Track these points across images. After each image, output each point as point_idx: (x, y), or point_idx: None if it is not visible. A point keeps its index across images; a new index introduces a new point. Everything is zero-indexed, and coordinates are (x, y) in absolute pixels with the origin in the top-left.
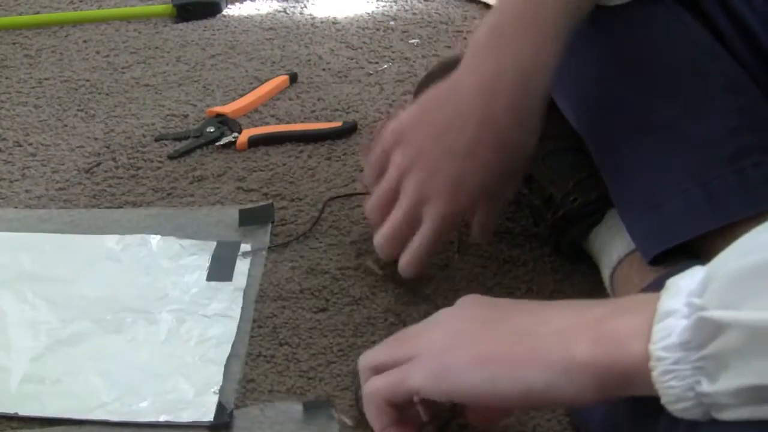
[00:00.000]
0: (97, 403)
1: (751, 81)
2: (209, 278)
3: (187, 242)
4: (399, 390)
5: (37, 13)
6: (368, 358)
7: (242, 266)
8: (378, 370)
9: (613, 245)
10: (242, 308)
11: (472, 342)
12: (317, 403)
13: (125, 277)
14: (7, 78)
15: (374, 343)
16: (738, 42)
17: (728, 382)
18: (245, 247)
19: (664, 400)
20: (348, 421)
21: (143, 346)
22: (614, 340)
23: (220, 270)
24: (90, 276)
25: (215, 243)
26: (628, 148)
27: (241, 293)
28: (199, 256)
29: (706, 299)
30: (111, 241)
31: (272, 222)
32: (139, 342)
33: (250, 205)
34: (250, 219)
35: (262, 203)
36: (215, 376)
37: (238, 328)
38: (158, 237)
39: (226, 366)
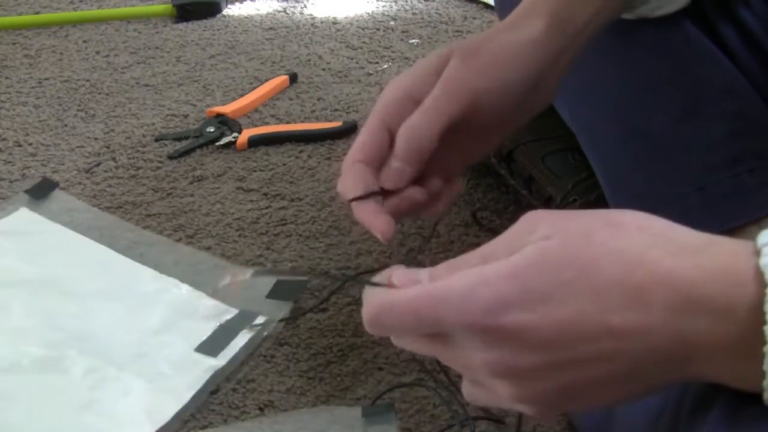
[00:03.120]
0: None
1: (750, 86)
2: (198, 349)
3: (210, 302)
4: None
5: (37, 13)
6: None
7: (240, 340)
8: None
9: None
10: (199, 390)
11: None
12: (376, 409)
13: (132, 316)
14: (7, 78)
15: (374, 343)
16: (744, 51)
17: None
18: (260, 318)
19: None
20: None
21: (60, 398)
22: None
23: (213, 343)
24: (107, 305)
25: (237, 311)
26: (624, 153)
27: (210, 374)
28: (209, 320)
29: None
30: (147, 275)
31: (296, 300)
32: (60, 391)
33: (286, 278)
34: (280, 293)
35: (299, 279)
36: None
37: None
38: (187, 287)
39: None
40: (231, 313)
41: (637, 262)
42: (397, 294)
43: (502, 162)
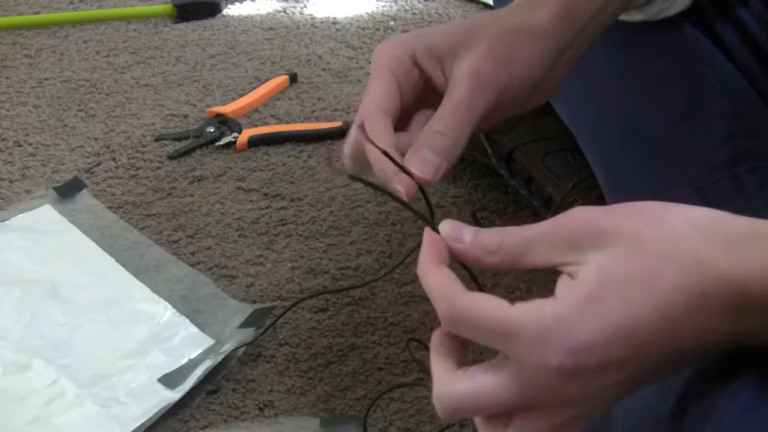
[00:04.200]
0: None
1: (749, 86)
2: (161, 379)
3: (191, 329)
4: None
5: (37, 13)
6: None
7: (198, 371)
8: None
9: None
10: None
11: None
12: (335, 421)
13: (113, 333)
14: (7, 78)
15: (374, 343)
16: (743, 51)
17: None
18: (226, 346)
19: None
20: None
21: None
22: None
23: (177, 376)
24: (94, 316)
25: (213, 341)
26: (623, 153)
27: (162, 406)
28: (183, 349)
29: None
30: (140, 292)
31: (261, 326)
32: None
33: (261, 306)
34: (253, 321)
35: (270, 305)
36: None
37: None
38: (173, 311)
39: None
40: (207, 342)
41: (694, 264)
42: (479, 306)
43: (502, 162)
